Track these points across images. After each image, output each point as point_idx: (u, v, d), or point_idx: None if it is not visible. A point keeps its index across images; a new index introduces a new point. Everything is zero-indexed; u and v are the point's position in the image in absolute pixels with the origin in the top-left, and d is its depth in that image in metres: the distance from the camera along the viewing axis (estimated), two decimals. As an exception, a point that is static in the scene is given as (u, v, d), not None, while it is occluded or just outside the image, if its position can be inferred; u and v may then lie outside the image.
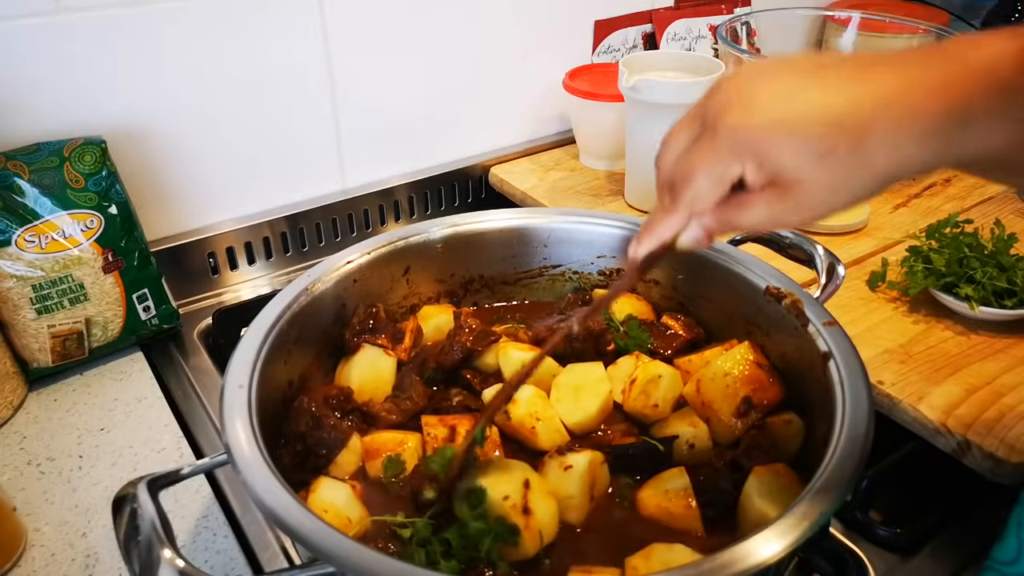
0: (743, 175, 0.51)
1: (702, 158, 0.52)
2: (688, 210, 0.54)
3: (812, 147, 0.47)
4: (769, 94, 0.48)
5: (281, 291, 0.78)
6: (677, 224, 0.55)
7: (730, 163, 0.50)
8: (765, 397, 0.74)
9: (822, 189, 0.49)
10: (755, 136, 0.49)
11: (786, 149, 0.48)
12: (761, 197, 0.51)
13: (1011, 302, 0.90)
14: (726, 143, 0.50)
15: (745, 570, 0.50)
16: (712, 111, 0.51)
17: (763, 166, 0.49)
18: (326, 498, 0.66)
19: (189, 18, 1.02)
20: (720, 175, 0.51)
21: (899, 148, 0.47)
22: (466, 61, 1.29)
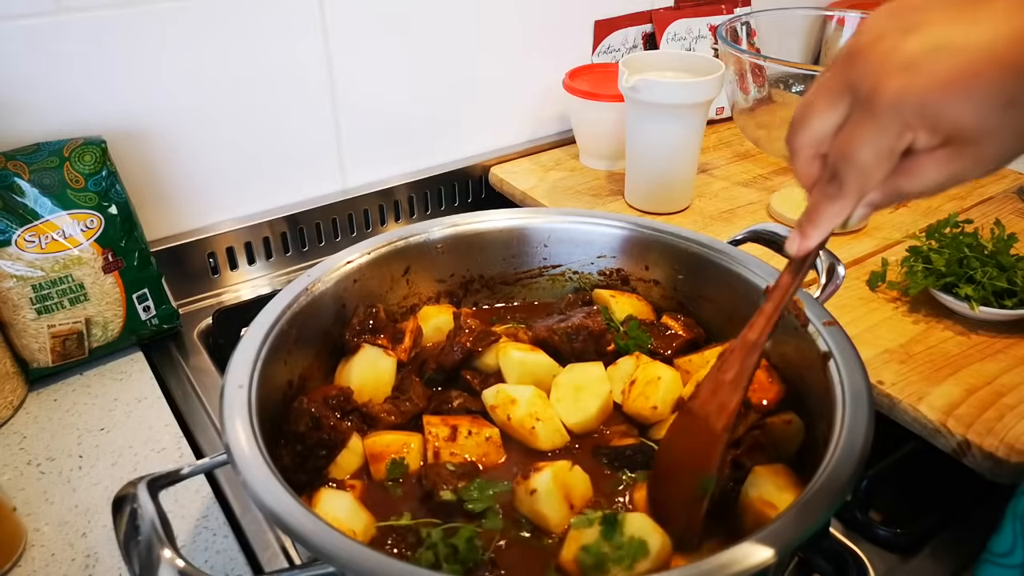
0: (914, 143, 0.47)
1: (866, 135, 0.47)
2: (858, 192, 0.50)
3: (992, 98, 0.43)
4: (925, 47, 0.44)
5: (281, 291, 0.78)
6: (847, 210, 0.52)
7: (900, 134, 0.46)
8: (764, 397, 0.74)
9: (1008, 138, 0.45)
10: (927, 99, 0.44)
11: (965, 106, 0.44)
12: (933, 159, 0.47)
13: (1011, 302, 0.90)
14: (892, 113, 0.46)
15: (745, 570, 0.50)
16: (865, 81, 0.46)
17: (938, 129, 0.45)
18: (328, 509, 0.65)
19: (189, 18, 1.02)
20: (890, 149, 0.47)
21: None
22: (466, 61, 1.30)
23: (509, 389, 0.76)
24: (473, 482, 0.68)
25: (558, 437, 0.74)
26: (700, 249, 0.86)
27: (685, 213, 1.22)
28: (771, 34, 1.44)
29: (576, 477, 0.68)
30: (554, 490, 0.65)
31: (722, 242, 0.86)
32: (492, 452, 0.73)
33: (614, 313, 0.88)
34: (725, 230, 1.16)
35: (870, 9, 1.43)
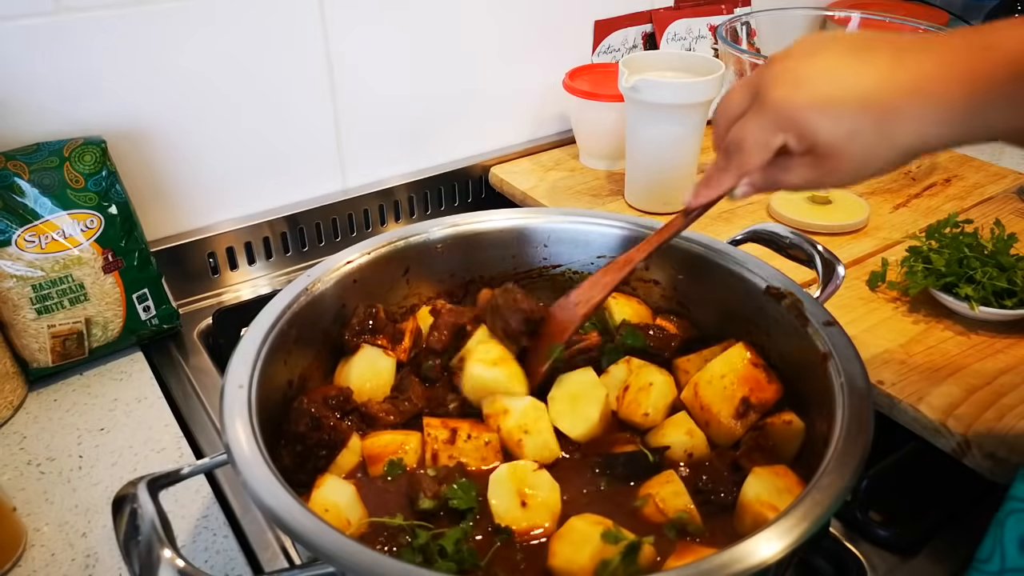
0: (787, 144, 0.57)
1: (751, 128, 0.58)
2: (739, 171, 0.62)
3: (843, 125, 0.54)
4: (813, 74, 0.55)
5: (281, 291, 0.78)
6: (730, 182, 0.64)
7: (775, 133, 0.57)
8: (763, 397, 0.74)
9: (851, 161, 0.55)
10: (797, 112, 0.55)
11: (822, 125, 0.54)
12: (801, 162, 0.58)
13: (1011, 302, 0.90)
14: (772, 116, 0.57)
15: (745, 570, 0.50)
16: (764, 84, 0.57)
17: (802, 138, 0.56)
18: (328, 496, 0.65)
19: (189, 18, 1.02)
20: (766, 143, 0.58)
21: (921, 129, 0.53)
22: (466, 61, 1.29)
23: (504, 399, 0.75)
24: (458, 482, 0.67)
25: (546, 452, 0.72)
26: (700, 249, 0.86)
27: (685, 213, 1.22)
28: (771, 34, 1.44)
29: (539, 479, 0.67)
30: (506, 481, 0.66)
31: (722, 242, 0.86)
32: (490, 457, 0.73)
33: (612, 316, 0.88)
34: (725, 230, 1.16)
35: (870, 9, 1.44)
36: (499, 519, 0.65)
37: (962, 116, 0.51)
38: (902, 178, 1.32)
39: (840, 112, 0.54)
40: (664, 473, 0.70)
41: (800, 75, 0.55)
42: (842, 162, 0.56)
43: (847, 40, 0.56)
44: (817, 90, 0.54)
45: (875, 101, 0.53)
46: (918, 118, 0.52)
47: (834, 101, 0.54)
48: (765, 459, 0.69)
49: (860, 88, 0.53)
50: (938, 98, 0.51)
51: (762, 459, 0.69)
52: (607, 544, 0.61)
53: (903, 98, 0.52)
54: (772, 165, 0.60)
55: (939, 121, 0.52)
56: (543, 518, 0.65)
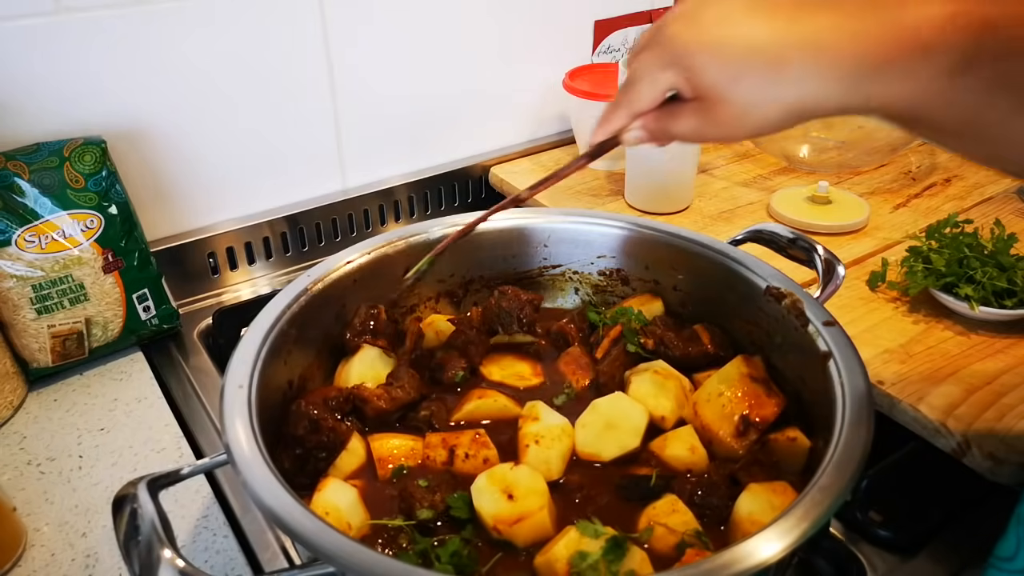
0: (675, 84, 0.57)
1: (643, 63, 0.58)
2: (628, 108, 0.61)
3: (728, 68, 0.53)
4: (710, 16, 0.54)
5: (281, 291, 0.78)
6: (621, 120, 0.62)
7: (664, 69, 0.56)
8: (763, 413, 0.73)
9: (734, 108, 0.54)
10: (687, 49, 0.55)
11: (707, 65, 0.54)
12: (689, 108, 0.57)
13: (1011, 302, 0.90)
14: (663, 51, 0.56)
15: (745, 570, 0.50)
16: (664, 21, 0.57)
17: (690, 79, 0.55)
18: (330, 499, 0.65)
19: (189, 18, 1.02)
20: (654, 79, 0.57)
21: (807, 84, 0.52)
22: (466, 61, 1.29)
23: (544, 408, 0.75)
24: (457, 492, 0.67)
25: (544, 468, 0.69)
26: (700, 249, 0.86)
27: (685, 213, 1.22)
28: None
29: (518, 474, 0.66)
30: (486, 486, 0.65)
31: (722, 242, 0.86)
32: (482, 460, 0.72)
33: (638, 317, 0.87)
34: (725, 230, 1.16)
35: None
36: (491, 519, 0.64)
37: (848, 79, 0.50)
38: (902, 178, 1.32)
39: (727, 55, 0.53)
40: (668, 500, 0.67)
41: (698, 16, 0.55)
42: (725, 109, 0.55)
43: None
44: (709, 31, 0.54)
45: (763, 49, 0.52)
46: (803, 73, 0.51)
47: (723, 43, 0.53)
48: (765, 474, 0.68)
49: (751, 35, 0.52)
50: (826, 55, 0.50)
51: (762, 474, 0.68)
52: (585, 536, 0.60)
53: (791, 50, 0.51)
54: (663, 112, 0.59)
55: (825, 80, 0.51)
56: (533, 503, 0.64)
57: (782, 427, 0.73)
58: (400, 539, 0.64)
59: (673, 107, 0.59)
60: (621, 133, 0.63)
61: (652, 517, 0.65)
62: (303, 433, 0.70)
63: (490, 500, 0.64)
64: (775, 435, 0.72)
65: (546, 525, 0.63)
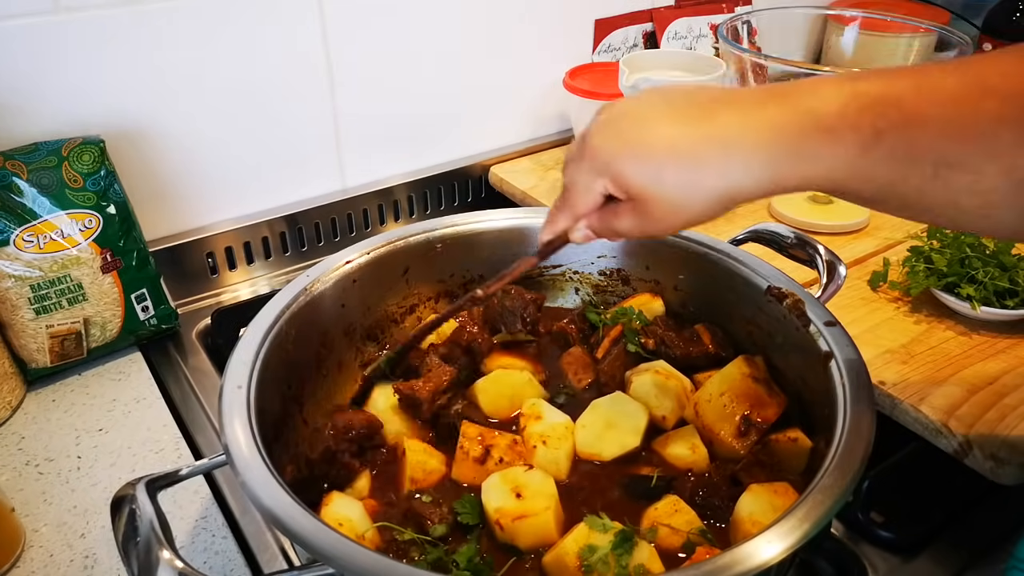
0: (608, 189, 0.59)
1: (576, 173, 0.61)
2: (570, 213, 0.64)
3: (649, 169, 0.56)
4: (629, 123, 0.58)
5: (280, 291, 0.78)
6: (565, 223, 0.65)
7: (595, 178, 0.59)
8: (764, 413, 0.73)
9: (667, 204, 0.57)
10: (611, 157, 0.58)
11: (632, 169, 0.57)
12: (626, 208, 0.60)
13: (1012, 302, 0.90)
14: (590, 162, 0.59)
15: (746, 571, 0.50)
16: (590, 131, 0.60)
17: (617, 183, 0.58)
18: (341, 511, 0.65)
19: (187, 17, 1.02)
20: (587, 187, 0.60)
21: (727, 176, 0.55)
22: (466, 60, 1.29)
23: (545, 406, 0.75)
24: (465, 496, 0.67)
25: (553, 468, 0.70)
26: (701, 249, 0.85)
27: (685, 213, 1.22)
28: (772, 33, 1.43)
29: (531, 477, 0.66)
30: (498, 484, 0.65)
31: (723, 242, 0.85)
32: None
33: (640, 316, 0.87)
34: (726, 230, 1.16)
35: (870, 9, 1.43)
36: (494, 512, 0.64)
37: (763, 167, 0.53)
38: (903, 178, 1.32)
39: (647, 157, 0.56)
40: (669, 500, 0.67)
41: (617, 125, 0.58)
42: (657, 206, 0.57)
43: (666, 95, 0.58)
44: (629, 138, 0.57)
45: (678, 148, 0.55)
46: (722, 166, 0.54)
47: (642, 146, 0.56)
48: (767, 475, 0.68)
49: (666, 136, 0.55)
50: (738, 147, 0.54)
51: (763, 475, 0.68)
52: (594, 531, 0.60)
53: (704, 146, 0.54)
54: (606, 211, 0.62)
55: (744, 169, 0.54)
56: (539, 503, 0.64)
57: (783, 428, 0.73)
58: (411, 552, 0.64)
59: (613, 207, 0.61)
60: (568, 233, 0.66)
61: (655, 518, 0.65)
62: (316, 458, 0.70)
63: (497, 495, 0.65)
64: (776, 436, 0.72)
65: (550, 527, 0.63)
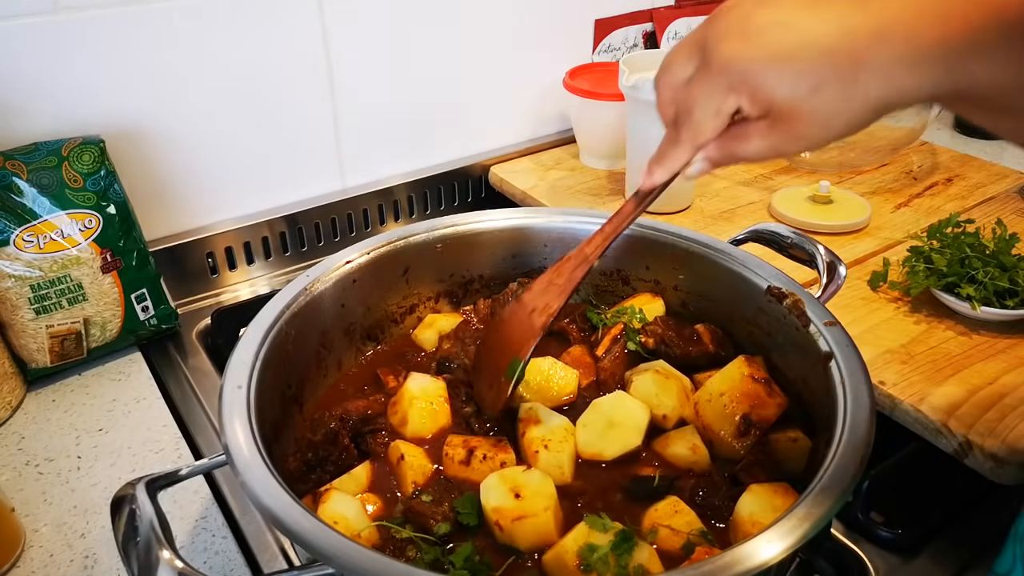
0: (741, 107, 0.51)
1: (701, 91, 0.52)
2: (692, 143, 0.55)
3: (803, 80, 0.47)
4: (765, 24, 0.48)
5: (280, 291, 0.78)
6: (684, 156, 0.57)
7: (727, 96, 0.51)
8: (764, 413, 0.73)
9: (816, 120, 0.49)
10: (749, 68, 0.49)
11: (779, 81, 0.48)
12: (758, 128, 0.52)
13: (1013, 302, 0.90)
14: (722, 76, 0.50)
15: (747, 571, 0.49)
16: (711, 40, 0.51)
17: (757, 98, 0.50)
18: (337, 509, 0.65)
19: (187, 17, 1.02)
20: (718, 108, 0.52)
21: (892, 78, 0.46)
22: (466, 60, 1.29)
23: (543, 410, 0.74)
24: (466, 496, 0.67)
25: (557, 472, 0.69)
26: (701, 249, 0.85)
27: (686, 213, 1.22)
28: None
29: (529, 477, 0.66)
30: (497, 484, 0.65)
31: (723, 242, 0.85)
32: None
33: (640, 316, 0.87)
34: (726, 230, 1.16)
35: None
36: (493, 512, 0.63)
37: (937, 63, 0.45)
38: (904, 177, 1.32)
39: (799, 66, 0.47)
40: (670, 501, 0.67)
41: (750, 26, 0.48)
42: (806, 123, 0.49)
43: None
44: (771, 42, 0.48)
45: (837, 49, 0.46)
46: (887, 65, 0.46)
47: (791, 54, 0.47)
48: (767, 475, 0.67)
49: (819, 36, 0.46)
50: (907, 42, 0.45)
51: (763, 475, 0.68)
52: (594, 530, 0.60)
53: (868, 43, 0.46)
54: (727, 134, 0.54)
55: (912, 68, 0.45)
56: (538, 504, 0.64)
57: (783, 428, 0.73)
58: (408, 551, 0.64)
59: (738, 129, 0.53)
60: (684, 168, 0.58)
61: (655, 520, 0.65)
62: (319, 439, 0.70)
63: (496, 495, 0.64)
64: (776, 435, 0.72)
65: (549, 528, 0.63)
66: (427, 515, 0.66)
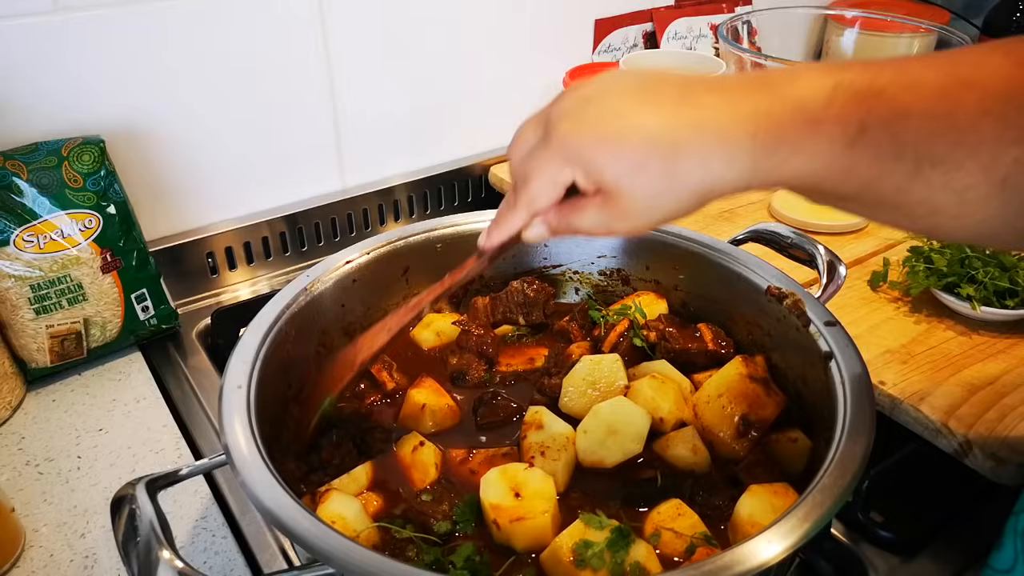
0: (575, 180, 0.54)
1: (538, 163, 0.55)
2: (527, 209, 0.58)
3: (628, 160, 0.51)
4: (601, 110, 0.52)
5: (280, 291, 0.78)
6: (520, 221, 0.59)
7: (561, 168, 0.54)
8: (763, 413, 0.72)
9: (641, 199, 0.53)
10: (582, 146, 0.53)
11: (606, 160, 0.52)
12: (592, 203, 0.55)
13: (1012, 302, 0.90)
14: (558, 151, 0.54)
15: (747, 571, 0.49)
16: (553, 118, 0.54)
17: (589, 174, 0.53)
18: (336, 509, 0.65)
19: (188, 16, 1.02)
20: (553, 179, 0.55)
21: (709, 167, 0.50)
22: (466, 60, 1.29)
23: (548, 414, 0.74)
24: (465, 500, 0.67)
25: (555, 477, 0.68)
26: (701, 249, 0.85)
27: (685, 213, 1.22)
28: (772, 33, 1.43)
29: (530, 475, 0.66)
30: (497, 480, 0.65)
31: (723, 242, 0.85)
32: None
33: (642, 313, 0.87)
34: (726, 230, 1.16)
35: (870, 8, 1.43)
36: (491, 510, 0.63)
37: (749, 156, 0.49)
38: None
39: (624, 147, 0.51)
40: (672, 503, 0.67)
41: (588, 110, 0.53)
42: (629, 202, 0.53)
43: (638, 76, 0.54)
44: (603, 125, 0.52)
45: (658, 137, 0.50)
46: (703, 156, 0.50)
47: (619, 137, 0.51)
48: (767, 475, 0.67)
49: (644, 124, 0.51)
50: (722, 135, 0.49)
51: (763, 475, 0.67)
52: (590, 527, 0.60)
53: (687, 134, 0.50)
54: (565, 206, 0.57)
55: (726, 160, 0.50)
56: (538, 506, 0.64)
57: (783, 428, 0.73)
58: (408, 551, 0.64)
59: (574, 201, 0.56)
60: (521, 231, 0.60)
61: (658, 523, 0.65)
62: (320, 441, 0.71)
63: (496, 493, 0.64)
64: (776, 436, 0.72)
65: (547, 531, 0.63)
66: (427, 514, 0.66)
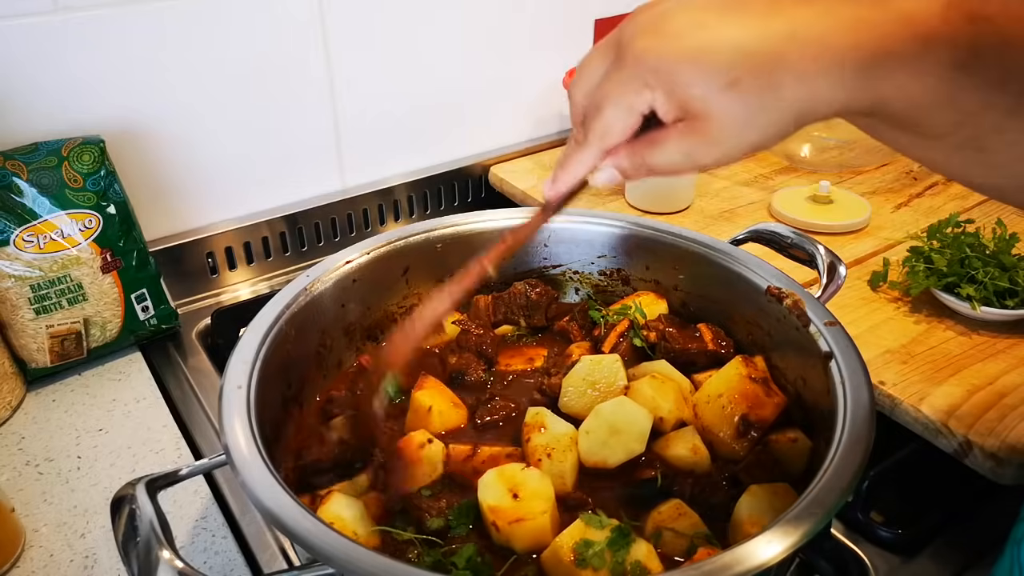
0: (654, 106, 0.49)
1: (612, 87, 0.49)
2: (599, 144, 0.52)
3: (720, 76, 0.45)
4: (682, 23, 0.47)
5: (280, 291, 0.78)
6: (589, 160, 0.53)
7: (639, 91, 0.48)
8: (764, 412, 0.72)
9: (732, 123, 0.47)
10: (663, 63, 0.47)
11: (694, 77, 0.46)
12: (673, 132, 0.49)
13: (1012, 302, 0.90)
14: (635, 70, 0.48)
15: (747, 571, 0.49)
16: (626, 37, 0.48)
17: (672, 95, 0.47)
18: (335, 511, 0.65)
19: (187, 16, 1.02)
20: (630, 104, 0.49)
21: (808, 82, 0.45)
22: (466, 60, 1.29)
23: (549, 416, 0.73)
24: (464, 503, 0.67)
25: (559, 482, 0.68)
26: (701, 249, 0.85)
27: (686, 213, 1.22)
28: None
29: (528, 476, 0.66)
30: (494, 482, 0.65)
31: (723, 242, 0.85)
32: None
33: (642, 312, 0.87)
34: (726, 230, 1.16)
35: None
36: (490, 512, 0.63)
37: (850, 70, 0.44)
38: (904, 177, 1.32)
39: (715, 62, 0.45)
40: (673, 504, 0.67)
41: (667, 25, 0.47)
42: (719, 126, 0.47)
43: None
44: (687, 38, 0.46)
45: (753, 48, 0.45)
46: (801, 68, 0.44)
47: (708, 50, 0.45)
48: (767, 475, 0.67)
49: (735, 35, 0.45)
50: (820, 46, 0.44)
51: (763, 475, 0.67)
52: (590, 527, 0.60)
53: (784, 44, 0.44)
54: (639, 142, 0.51)
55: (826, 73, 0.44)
56: (536, 506, 0.63)
57: (783, 428, 0.73)
58: (409, 552, 0.64)
59: (651, 135, 0.50)
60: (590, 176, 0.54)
61: (659, 523, 0.65)
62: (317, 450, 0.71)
63: (494, 494, 0.64)
64: (776, 436, 0.72)
65: (546, 531, 0.63)
66: (422, 508, 0.66)
